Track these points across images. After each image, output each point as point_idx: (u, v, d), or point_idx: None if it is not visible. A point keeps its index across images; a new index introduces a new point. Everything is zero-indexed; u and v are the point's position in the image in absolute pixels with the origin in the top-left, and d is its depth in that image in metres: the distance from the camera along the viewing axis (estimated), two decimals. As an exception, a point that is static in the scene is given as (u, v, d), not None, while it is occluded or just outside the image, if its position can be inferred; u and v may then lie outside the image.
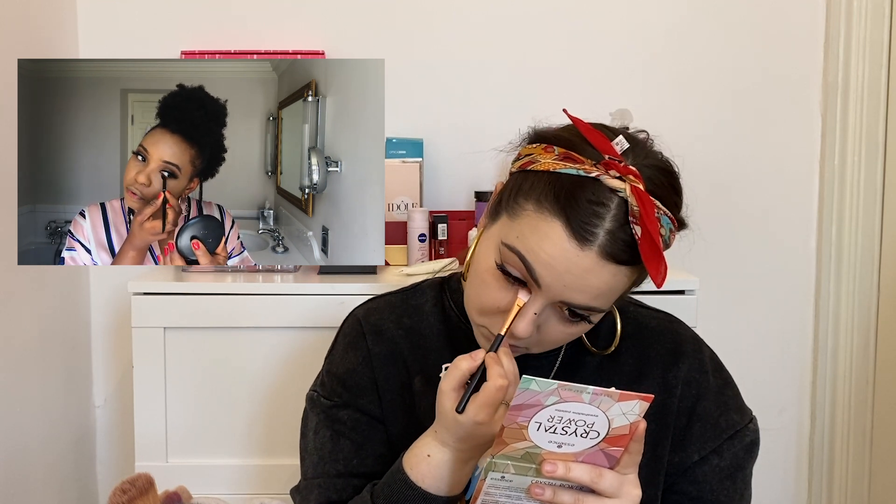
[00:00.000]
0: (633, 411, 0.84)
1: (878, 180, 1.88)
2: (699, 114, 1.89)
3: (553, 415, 0.83)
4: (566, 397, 0.82)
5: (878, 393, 1.91)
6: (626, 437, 0.86)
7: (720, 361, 1.10)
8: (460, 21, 1.86)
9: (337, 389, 1.07)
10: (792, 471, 2.01)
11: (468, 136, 1.85)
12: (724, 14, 1.88)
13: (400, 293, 1.13)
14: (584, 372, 1.05)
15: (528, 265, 0.89)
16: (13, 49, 1.56)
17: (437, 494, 0.95)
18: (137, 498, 1.07)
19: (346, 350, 1.09)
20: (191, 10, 1.84)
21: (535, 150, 0.94)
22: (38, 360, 1.69)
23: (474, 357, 0.91)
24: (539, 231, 0.89)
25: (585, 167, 0.89)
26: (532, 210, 0.90)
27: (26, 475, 1.64)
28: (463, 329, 1.07)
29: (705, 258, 1.86)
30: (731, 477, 1.05)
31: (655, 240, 0.87)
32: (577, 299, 0.90)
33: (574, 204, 0.88)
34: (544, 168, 0.91)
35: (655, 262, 0.88)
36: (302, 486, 1.08)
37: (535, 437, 0.85)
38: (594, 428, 0.84)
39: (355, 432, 1.06)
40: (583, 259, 0.88)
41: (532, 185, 0.91)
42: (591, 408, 0.83)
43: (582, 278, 0.89)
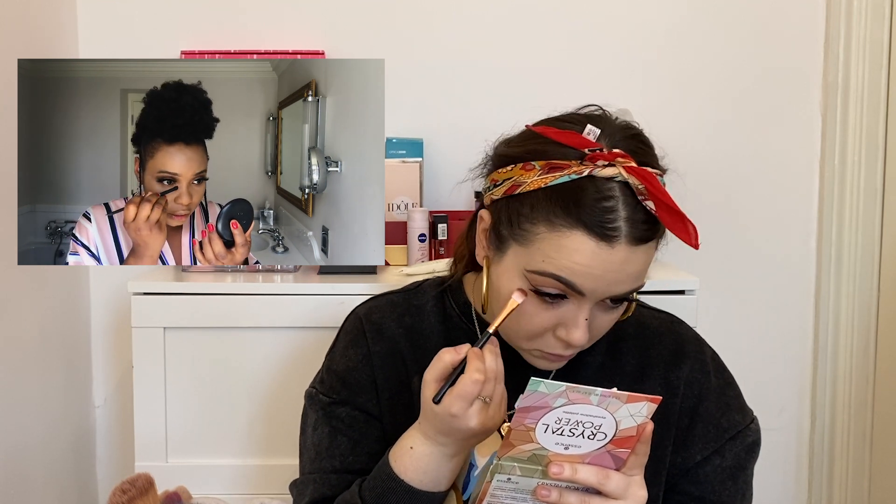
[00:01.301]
0: (641, 413, 0.84)
1: (878, 180, 1.88)
2: (699, 114, 1.89)
3: (561, 417, 0.83)
4: (574, 399, 0.82)
5: (878, 393, 1.91)
6: (633, 438, 0.86)
7: (722, 362, 1.10)
8: (460, 21, 1.86)
9: (336, 387, 1.08)
10: (792, 471, 2.01)
11: (468, 136, 1.84)
12: (724, 14, 1.88)
13: (402, 292, 1.13)
14: (585, 372, 1.06)
15: (567, 281, 0.90)
16: (13, 49, 1.56)
17: (420, 488, 0.94)
18: (137, 498, 1.07)
19: (346, 348, 1.09)
20: (191, 10, 1.84)
21: (513, 172, 0.93)
22: (38, 360, 1.69)
23: (458, 350, 0.91)
24: (565, 248, 0.89)
25: (574, 169, 0.89)
26: (546, 231, 0.90)
27: (26, 475, 1.64)
28: (463, 328, 1.07)
29: (705, 258, 1.86)
30: (732, 477, 1.05)
31: (673, 206, 0.89)
32: (621, 289, 0.92)
33: (585, 209, 0.88)
34: (535, 187, 0.91)
35: (682, 227, 0.90)
36: (299, 480, 1.09)
37: (542, 440, 0.85)
38: (601, 430, 0.84)
39: (352, 429, 1.06)
40: (616, 254, 0.89)
41: (532, 208, 0.91)
42: (599, 409, 0.83)
43: (621, 271, 0.90)
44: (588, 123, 0.93)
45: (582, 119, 0.95)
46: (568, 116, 0.98)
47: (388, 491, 0.95)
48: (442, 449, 0.94)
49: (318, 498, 1.05)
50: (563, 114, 0.99)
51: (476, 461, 0.98)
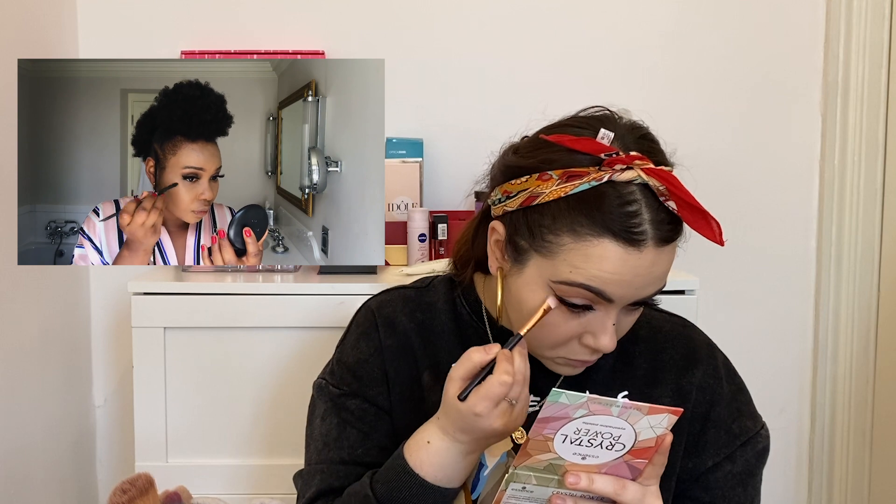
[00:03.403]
0: (661, 424, 0.83)
1: (878, 180, 1.88)
2: (699, 114, 1.89)
3: (580, 427, 0.83)
4: (595, 410, 0.81)
5: (878, 393, 1.91)
6: (652, 449, 0.85)
7: (733, 367, 1.10)
8: (460, 21, 1.86)
9: (346, 378, 1.07)
10: (792, 471, 2.01)
11: (468, 136, 1.85)
12: (724, 14, 1.88)
13: (413, 288, 1.13)
14: (596, 376, 1.05)
15: (597, 290, 0.90)
16: (13, 49, 1.56)
17: (435, 483, 0.94)
18: (137, 498, 1.07)
19: (357, 340, 1.09)
20: (191, 10, 1.84)
21: (528, 183, 0.92)
22: (38, 360, 1.69)
23: (488, 350, 0.91)
24: (593, 256, 0.89)
25: (593, 176, 0.89)
26: (571, 241, 0.89)
27: (26, 475, 1.64)
28: (474, 326, 1.08)
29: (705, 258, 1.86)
30: (742, 483, 1.05)
31: (695, 203, 0.88)
32: (647, 293, 0.92)
33: (610, 216, 0.88)
34: (554, 197, 0.90)
35: (705, 224, 0.90)
36: (305, 471, 1.09)
37: (559, 450, 0.84)
38: (620, 440, 0.84)
39: (362, 422, 1.06)
40: (644, 258, 0.89)
41: (554, 218, 0.90)
42: (620, 421, 0.82)
43: (649, 274, 0.90)
44: (600, 128, 0.92)
45: (592, 122, 0.94)
46: (576, 121, 0.97)
47: (402, 485, 0.95)
48: (459, 446, 0.94)
49: (325, 489, 1.05)
50: (568, 118, 0.98)
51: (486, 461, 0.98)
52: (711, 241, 0.90)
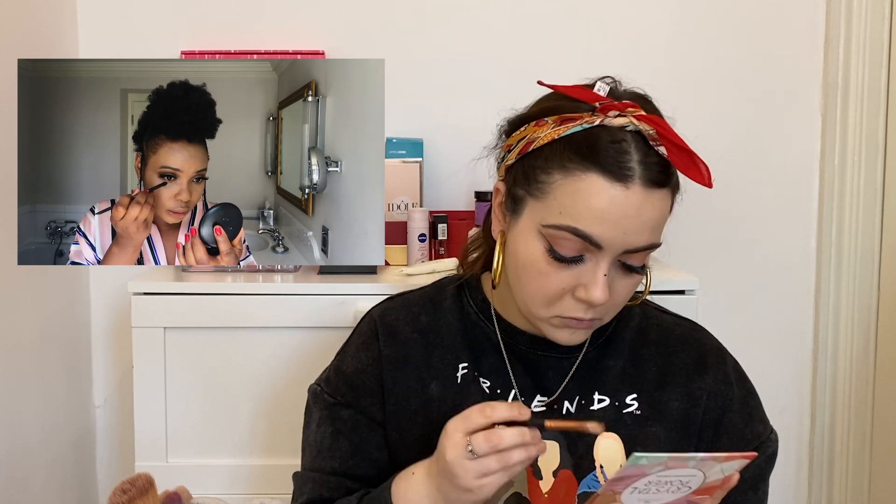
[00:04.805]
0: (732, 467, 0.83)
1: (878, 180, 1.88)
2: (699, 114, 1.89)
3: (652, 480, 0.82)
4: (672, 465, 0.81)
5: (878, 393, 1.91)
6: (716, 487, 0.85)
7: (743, 371, 1.10)
8: (460, 21, 1.86)
9: (342, 388, 1.08)
10: (792, 471, 2.01)
11: (468, 136, 1.83)
12: (724, 14, 1.88)
13: (420, 291, 1.13)
14: (606, 378, 1.05)
15: (584, 234, 0.90)
16: (13, 49, 1.56)
17: None
18: (137, 498, 1.07)
19: (358, 349, 1.09)
20: (191, 10, 1.84)
21: (527, 131, 0.96)
22: (38, 360, 1.69)
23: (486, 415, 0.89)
24: (580, 192, 0.90)
25: (586, 119, 0.91)
26: (561, 178, 0.91)
27: (26, 475, 1.64)
28: (481, 327, 1.07)
29: (705, 258, 1.86)
30: (753, 488, 1.05)
31: (684, 146, 0.90)
32: (638, 241, 0.91)
33: (600, 151, 0.89)
34: (549, 139, 0.92)
35: (694, 167, 0.91)
36: (299, 474, 1.10)
37: (626, 499, 0.84)
38: (687, 484, 0.84)
39: (354, 433, 1.06)
40: (631, 196, 0.89)
41: (547, 158, 0.92)
42: (693, 470, 0.82)
43: (638, 216, 0.90)
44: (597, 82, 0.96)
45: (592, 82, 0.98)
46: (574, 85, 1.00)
47: None
48: (435, 492, 0.93)
49: (315, 498, 1.06)
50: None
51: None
52: (700, 183, 0.92)
